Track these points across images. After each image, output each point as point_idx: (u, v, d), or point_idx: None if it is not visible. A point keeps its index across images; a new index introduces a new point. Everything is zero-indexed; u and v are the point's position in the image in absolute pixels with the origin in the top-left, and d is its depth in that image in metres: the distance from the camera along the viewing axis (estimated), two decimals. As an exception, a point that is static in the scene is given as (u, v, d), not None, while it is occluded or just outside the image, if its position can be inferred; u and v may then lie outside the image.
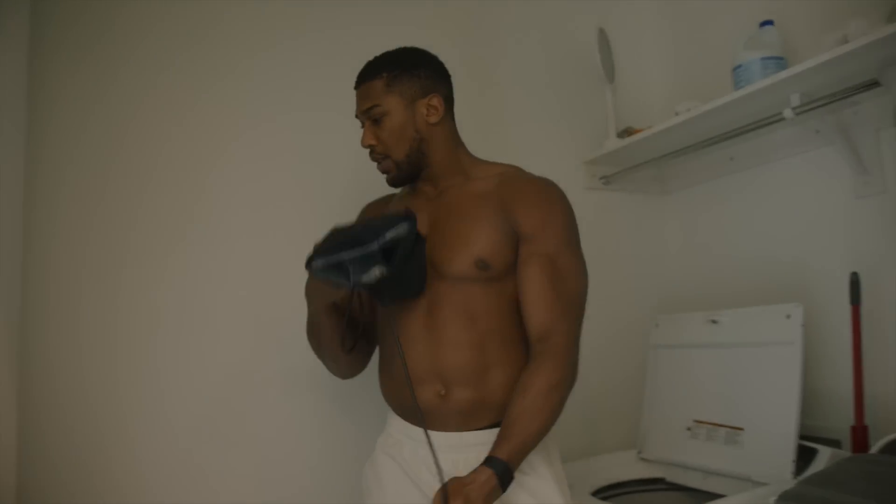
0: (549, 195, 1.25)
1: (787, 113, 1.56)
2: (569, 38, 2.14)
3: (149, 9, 1.58)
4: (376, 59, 1.28)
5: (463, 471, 1.09)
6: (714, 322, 1.74)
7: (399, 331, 1.21)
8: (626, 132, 2.04)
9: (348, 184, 1.64)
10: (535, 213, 1.21)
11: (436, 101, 1.27)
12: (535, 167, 1.37)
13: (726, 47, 1.77)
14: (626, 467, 1.81)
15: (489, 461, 1.06)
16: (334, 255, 1.03)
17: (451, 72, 1.33)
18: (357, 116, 1.29)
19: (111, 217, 1.51)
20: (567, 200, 1.26)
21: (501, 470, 1.06)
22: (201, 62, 1.63)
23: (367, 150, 1.28)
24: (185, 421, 1.51)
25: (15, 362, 1.40)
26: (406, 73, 1.25)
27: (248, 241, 1.62)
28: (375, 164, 1.29)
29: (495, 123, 1.98)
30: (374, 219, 1.07)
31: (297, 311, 1.32)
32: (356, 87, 1.28)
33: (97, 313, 1.47)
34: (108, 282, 1.49)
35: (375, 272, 1.02)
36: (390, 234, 1.02)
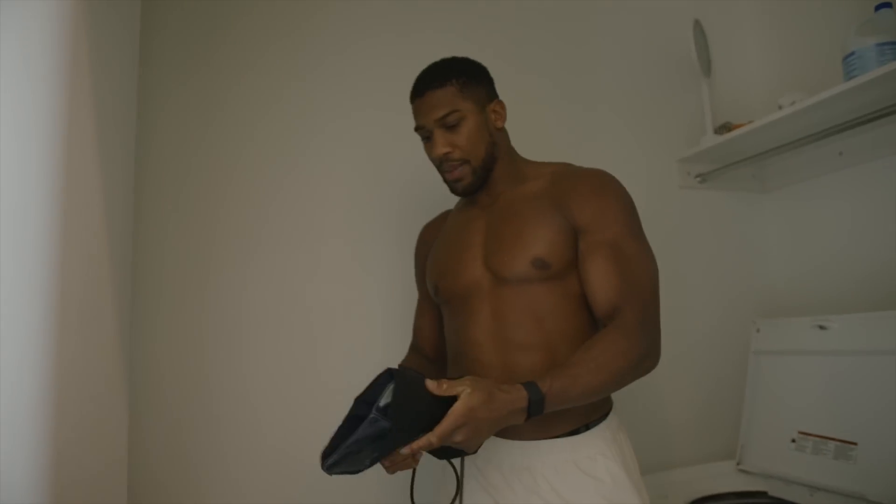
0: (603, 184, 1.23)
1: (906, 103, 1.44)
2: (663, 30, 2.07)
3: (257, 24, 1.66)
4: (435, 69, 1.27)
5: (539, 483, 1.11)
6: (822, 328, 1.64)
7: (460, 337, 1.25)
8: (724, 128, 1.95)
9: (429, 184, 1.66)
10: (590, 204, 1.19)
11: (499, 106, 1.29)
12: (627, 167, 1.35)
13: (836, 34, 1.66)
14: (724, 479, 1.73)
15: (528, 385, 1.02)
16: (343, 447, 0.96)
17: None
18: (421, 127, 1.26)
19: (212, 221, 1.58)
20: (623, 187, 1.23)
21: (536, 398, 1.01)
22: (280, 65, 1.68)
23: (438, 161, 1.26)
24: (282, 423, 1.56)
25: (125, 366, 1.47)
26: (473, 80, 1.26)
27: (339, 242, 1.67)
28: (445, 174, 1.27)
29: (585, 121, 1.94)
30: (361, 395, 1.00)
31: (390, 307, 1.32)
32: (419, 96, 1.25)
33: (200, 315, 1.54)
34: (209, 284, 1.56)
35: (385, 435, 0.95)
36: (384, 401, 0.95)
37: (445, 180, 1.28)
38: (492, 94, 1.29)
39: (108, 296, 1.27)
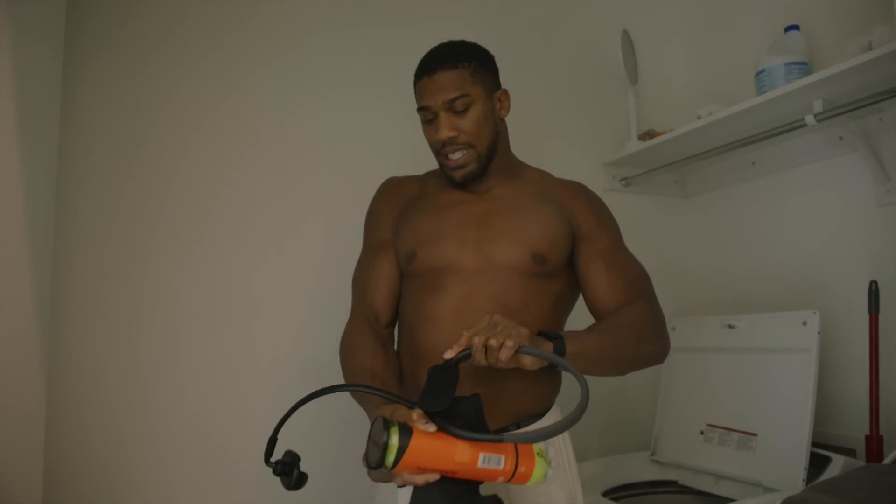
0: (596, 198, 1.31)
1: (809, 119, 1.55)
2: (593, 39, 2.14)
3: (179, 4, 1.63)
4: (448, 50, 1.23)
5: None
6: (731, 327, 1.74)
7: (424, 309, 1.19)
8: (647, 135, 2.04)
9: (373, 175, 1.67)
10: (592, 214, 1.26)
11: (505, 96, 1.28)
12: (555, 167, 1.39)
13: (751, 51, 1.77)
14: (638, 469, 1.82)
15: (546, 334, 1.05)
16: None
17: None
18: (426, 108, 1.22)
19: (136, 210, 1.56)
20: None
21: (554, 336, 1.04)
22: (228, 57, 1.67)
23: (440, 144, 1.21)
24: (203, 413, 1.56)
25: (44, 356, 1.44)
26: (484, 66, 1.24)
27: (270, 234, 1.67)
28: (446, 159, 1.23)
29: (515, 122, 1.98)
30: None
31: (316, 304, 1.34)
32: (429, 75, 1.21)
33: (122, 306, 1.53)
34: (132, 274, 1.54)
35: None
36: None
37: (445, 166, 1.24)
38: (498, 83, 1.27)
39: (26, 288, 1.24)
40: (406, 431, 0.86)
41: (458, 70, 1.20)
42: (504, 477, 0.89)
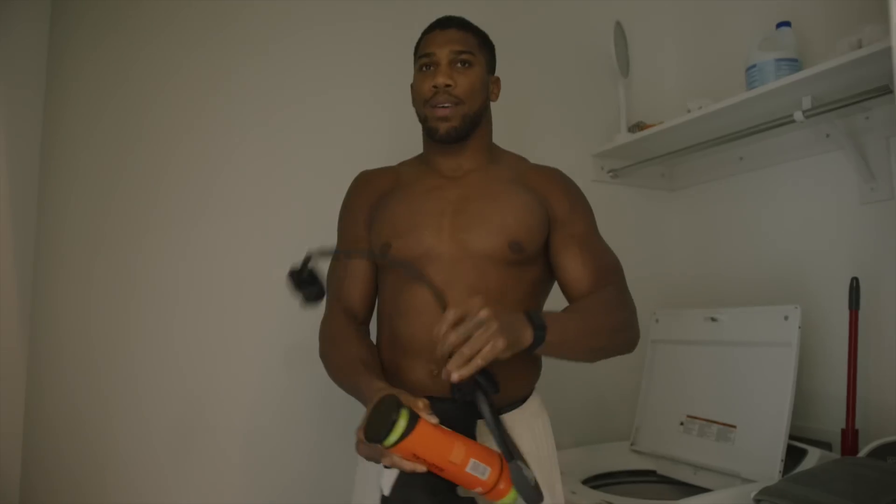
0: (571, 183, 1.31)
1: (798, 115, 1.56)
2: (586, 29, 2.14)
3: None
4: (462, 18, 1.29)
5: None
6: (713, 320, 1.76)
7: (403, 300, 1.19)
8: (637, 127, 2.05)
9: (358, 161, 1.67)
10: (567, 198, 1.26)
11: (498, 82, 1.34)
12: (543, 155, 1.39)
13: (742, 46, 1.77)
14: (618, 458, 1.84)
15: (526, 314, 0.99)
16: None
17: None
18: (429, 54, 1.24)
19: (121, 202, 1.55)
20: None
21: (535, 317, 0.99)
22: (218, 51, 1.66)
23: (433, 90, 1.22)
24: (187, 401, 1.55)
25: (24, 350, 1.43)
26: (487, 46, 1.31)
27: (255, 220, 1.66)
28: (434, 109, 1.22)
29: (506, 109, 1.98)
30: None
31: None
32: (441, 28, 1.26)
33: (103, 294, 1.51)
34: (115, 264, 1.53)
35: None
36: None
37: (430, 118, 1.24)
38: (494, 69, 1.33)
39: (10, 276, 1.23)
40: (414, 417, 0.88)
41: (468, 34, 1.27)
42: (483, 488, 0.91)
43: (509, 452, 0.92)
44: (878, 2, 1.14)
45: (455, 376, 0.89)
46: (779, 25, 1.71)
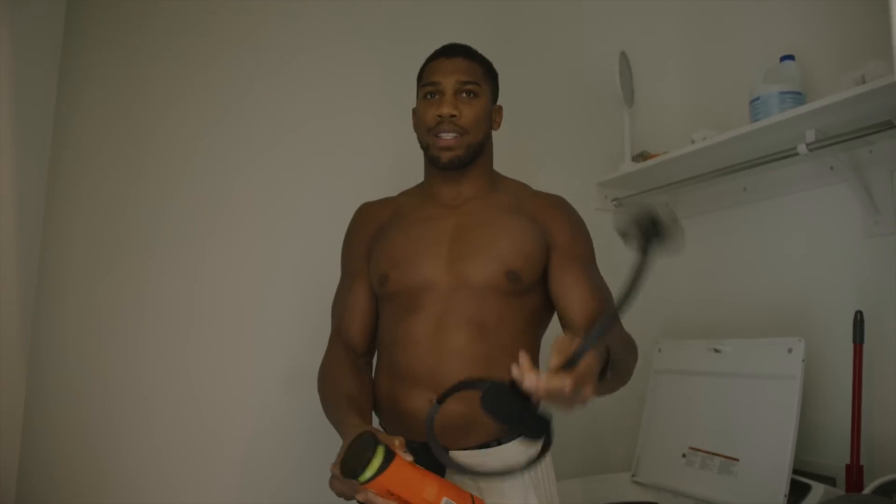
0: (574, 212, 1.30)
1: (801, 148, 1.56)
2: (591, 59, 2.16)
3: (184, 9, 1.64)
4: (467, 46, 1.30)
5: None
6: (716, 351, 1.74)
7: (402, 331, 1.20)
8: (641, 156, 2.05)
9: (364, 184, 1.67)
10: (568, 227, 1.26)
11: (500, 111, 1.35)
12: (547, 183, 1.40)
13: (746, 78, 1.78)
14: (618, 489, 1.81)
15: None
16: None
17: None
18: (435, 83, 1.24)
19: (126, 214, 1.56)
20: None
21: (601, 350, 0.94)
22: (233, 63, 1.68)
23: (438, 120, 1.22)
24: (187, 417, 1.54)
25: (26, 355, 1.43)
26: (491, 75, 1.32)
27: (256, 242, 1.67)
28: (437, 138, 1.23)
29: (510, 137, 1.99)
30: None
31: (297, 308, 1.33)
32: (447, 56, 1.27)
33: (107, 309, 1.52)
34: (119, 278, 1.53)
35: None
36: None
37: (432, 146, 1.25)
38: (497, 98, 1.34)
39: (13, 288, 1.23)
40: (390, 454, 0.90)
41: (475, 63, 1.28)
42: None
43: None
44: (882, 38, 1.15)
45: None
46: (783, 59, 1.72)
